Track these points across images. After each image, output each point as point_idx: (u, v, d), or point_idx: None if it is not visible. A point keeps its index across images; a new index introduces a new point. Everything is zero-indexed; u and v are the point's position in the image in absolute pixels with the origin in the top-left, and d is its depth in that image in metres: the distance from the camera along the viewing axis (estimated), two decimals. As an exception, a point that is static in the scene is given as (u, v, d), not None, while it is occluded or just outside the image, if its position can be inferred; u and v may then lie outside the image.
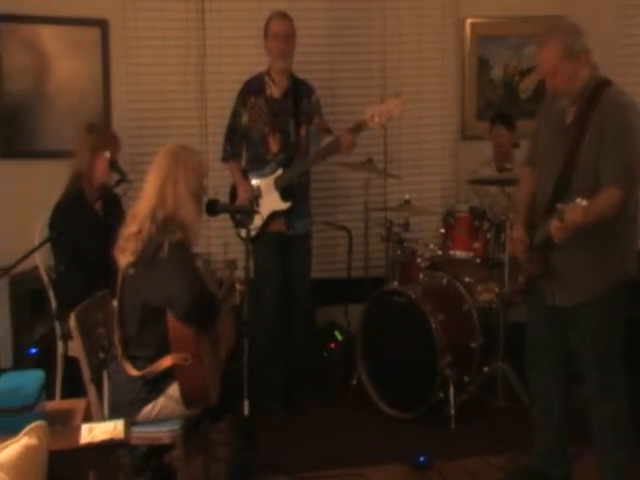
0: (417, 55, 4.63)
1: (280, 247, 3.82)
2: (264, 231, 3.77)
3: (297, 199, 3.81)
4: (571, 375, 2.94)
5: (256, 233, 3.70)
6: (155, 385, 2.56)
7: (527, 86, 4.74)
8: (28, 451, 1.62)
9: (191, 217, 2.61)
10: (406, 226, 4.11)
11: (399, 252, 4.06)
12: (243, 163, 3.93)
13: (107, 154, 3.48)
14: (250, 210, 3.53)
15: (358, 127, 3.64)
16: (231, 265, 2.92)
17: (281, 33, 3.72)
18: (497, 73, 4.76)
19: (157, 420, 2.58)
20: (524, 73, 4.74)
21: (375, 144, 4.45)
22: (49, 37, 4.22)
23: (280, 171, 3.77)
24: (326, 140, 3.81)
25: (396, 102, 3.60)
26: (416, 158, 4.69)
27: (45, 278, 3.47)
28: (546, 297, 2.82)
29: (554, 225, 2.49)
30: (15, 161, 4.21)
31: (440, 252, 4.01)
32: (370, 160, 4.06)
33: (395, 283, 3.90)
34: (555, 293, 2.79)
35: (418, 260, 4.04)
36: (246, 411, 2.60)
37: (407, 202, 4.10)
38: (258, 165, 3.83)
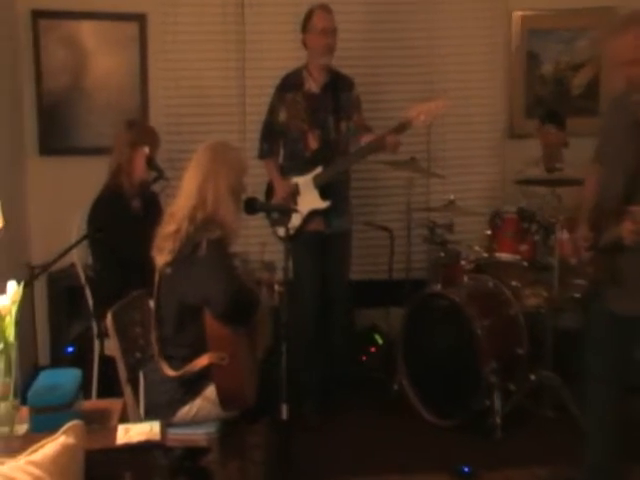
0: (464, 49, 4.60)
1: (318, 247, 3.83)
2: (302, 230, 3.78)
3: (336, 197, 3.81)
4: (628, 387, 2.87)
5: (294, 232, 3.72)
6: (192, 386, 2.59)
7: (580, 82, 4.68)
8: (66, 450, 1.66)
9: (231, 216, 2.64)
10: (450, 227, 4.08)
11: (442, 254, 4.03)
12: (280, 160, 3.95)
13: (146, 150, 3.52)
14: (290, 209, 3.54)
15: (403, 126, 3.62)
16: (269, 267, 2.95)
17: (327, 28, 3.72)
18: (547, 68, 4.70)
19: (193, 422, 2.61)
20: (577, 68, 4.68)
21: (418, 142, 4.43)
22: (87, 33, 4.31)
23: (319, 169, 3.78)
24: (366, 138, 3.79)
25: (442, 101, 3.58)
26: (461, 157, 4.66)
27: (82, 276, 3.53)
28: (609, 304, 2.75)
29: (626, 227, 2.43)
30: (53, 158, 4.30)
31: (485, 254, 3.99)
32: (413, 159, 4.03)
33: (438, 286, 3.87)
34: (620, 301, 2.71)
35: (462, 262, 4.01)
36: (284, 415, 2.62)
37: (451, 202, 4.07)
38: (296, 163, 3.85)
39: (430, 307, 3.80)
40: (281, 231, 3.76)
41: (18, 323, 2.04)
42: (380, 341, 4.29)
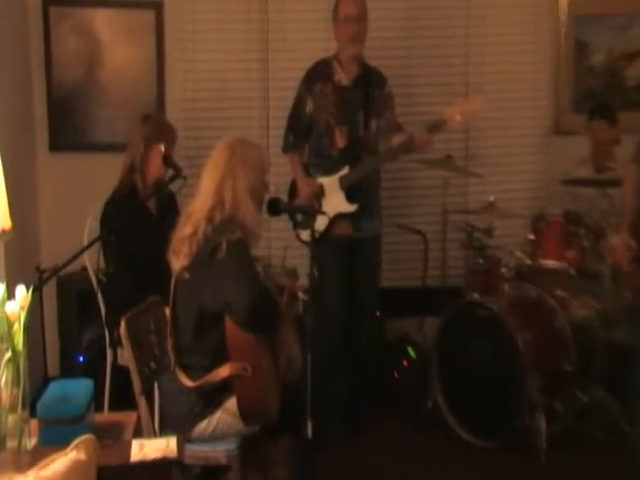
0: (505, 39, 4.58)
1: (346, 251, 3.84)
2: (328, 234, 3.79)
3: (365, 200, 3.82)
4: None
5: (319, 236, 3.72)
6: (211, 397, 2.61)
7: (634, 73, 4.62)
8: (77, 466, 1.67)
9: (251, 217, 2.66)
10: (489, 231, 4.06)
11: (481, 260, 4.02)
12: (305, 157, 3.96)
13: (161, 147, 3.56)
14: (316, 210, 3.55)
15: (437, 126, 3.63)
16: (292, 274, 2.96)
17: (352, 15, 3.73)
18: (598, 58, 4.66)
19: (213, 437, 2.62)
20: (631, 58, 4.62)
21: (455, 139, 4.43)
22: (101, 21, 4.37)
23: (346, 169, 3.79)
24: (397, 138, 3.78)
25: (480, 99, 3.59)
26: (502, 155, 4.64)
27: (94, 281, 3.58)
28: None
29: None
30: (64, 154, 4.36)
31: (528, 261, 3.96)
32: (449, 157, 4.03)
33: (476, 294, 3.86)
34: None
35: (502, 269, 3.98)
36: (309, 433, 2.62)
37: (491, 204, 4.05)
38: (322, 160, 3.86)
39: (467, 317, 3.78)
40: (305, 234, 3.80)
41: (27, 330, 2.06)
42: (413, 354, 4.27)
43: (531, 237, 4.00)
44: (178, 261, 2.66)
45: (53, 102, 4.36)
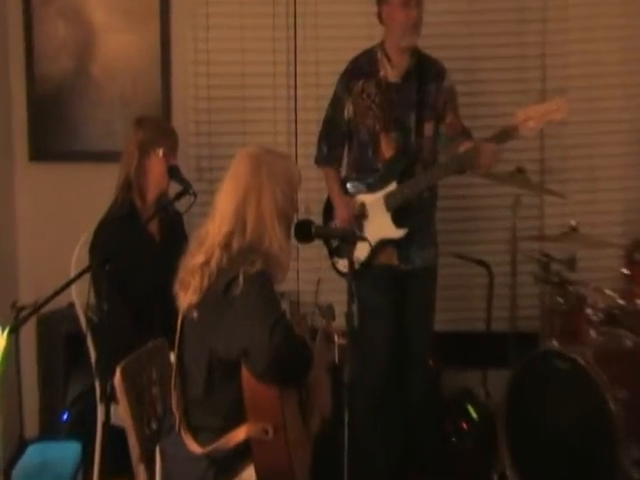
0: (590, 22, 4.55)
1: (392, 286, 3.83)
2: (370, 264, 3.79)
3: (417, 223, 3.81)
4: None
5: (359, 267, 3.73)
6: (224, 466, 2.60)
7: None
8: None
9: (278, 245, 2.67)
10: (571, 263, 4.03)
11: (560, 299, 3.98)
12: (343, 171, 3.98)
13: (160, 152, 3.60)
14: (355, 235, 3.51)
15: (505, 134, 3.59)
16: (327, 313, 2.96)
17: None
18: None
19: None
20: None
21: (528, 148, 4.41)
22: (94, 3, 4.43)
23: (393, 185, 3.79)
24: (462, 148, 3.75)
25: (563, 102, 3.55)
26: (587, 168, 4.62)
27: (83, 320, 3.58)
28: None
29: None
30: (47, 165, 4.41)
31: (621, 301, 3.91)
32: (521, 170, 4.01)
33: (555, 342, 3.83)
34: None
35: (588, 311, 3.95)
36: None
37: (573, 229, 4.03)
38: (364, 175, 3.87)
39: (543, 370, 3.75)
40: (343, 264, 3.80)
41: (0, 381, 2.07)
42: (474, 414, 4.24)
43: (625, 271, 3.96)
44: (186, 297, 2.67)
45: (35, 101, 4.42)
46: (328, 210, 3.96)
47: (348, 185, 3.92)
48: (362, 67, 3.87)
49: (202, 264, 2.63)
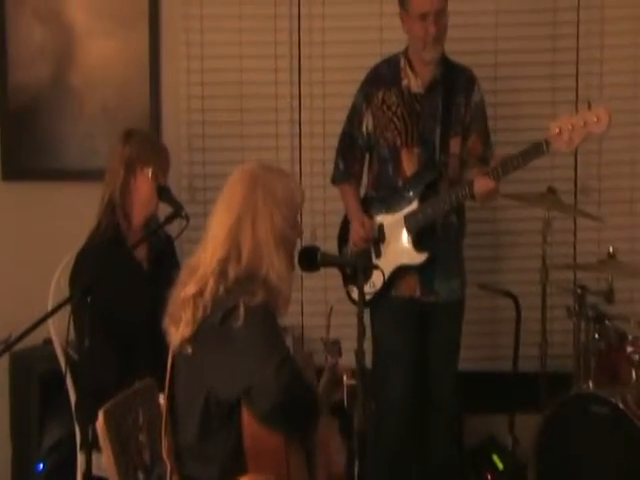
0: (635, 38, 4.58)
1: (413, 322, 3.86)
2: (386, 295, 3.82)
3: (442, 250, 3.83)
4: None
5: (372, 297, 3.75)
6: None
7: None
8: None
9: (277, 274, 2.68)
10: (609, 295, 4.04)
11: (597, 335, 3.99)
12: (363, 189, 4.01)
13: (149, 171, 3.63)
14: (367, 264, 3.48)
15: (536, 150, 3.59)
16: (333, 349, 2.96)
17: (431, 11, 3.70)
18: None
19: None
20: None
21: (560, 165, 4.44)
22: (75, 4, 4.48)
23: (415, 204, 3.82)
24: (472, 175, 3.78)
25: (599, 113, 3.52)
26: (625, 189, 4.64)
27: (61, 358, 3.60)
28: None
29: None
30: (23, 185, 4.45)
31: (665, 337, 3.94)
32: (552, 191, 4.04)
33: (590, 384, 3.85)
34: None
35: (629, 349, 3.95)
36: None
37: (610, 257, 4.03)
38: (383, 193, 3.90)
39: (579, 416, 3.76)
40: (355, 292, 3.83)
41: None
42: (500, 465, 4.25)
43: (669, 304, 3.98)
44: (177, 331, 2.67)
45: (8, 114, 4.46)
46: (343, 233, 3.98)
47: (367, 205, 3.93)
48: (383, 75, 3.90)
49: (194, 295, 2.63)
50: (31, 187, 4.45)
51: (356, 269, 3.51)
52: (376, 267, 3.62)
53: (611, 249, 4.02)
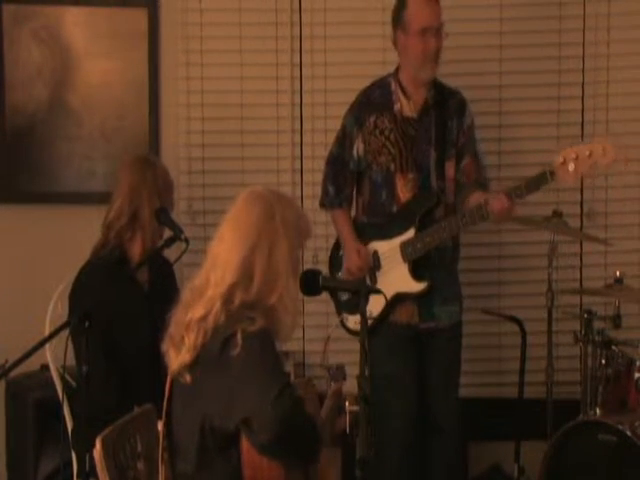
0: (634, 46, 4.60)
1: (411, 347, 3.86)
2: (385, 321, 3.81)
3: (438, 275, 3.83)
4: None
5: (373, 323, 3.73)
6: None
7: None
8: None
9: (291, 301, 2.68)
10: (616, 320, 4.04)
11: (604, 361, 3.99)
12: (353, 214, 4.01)
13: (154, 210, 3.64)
14: (369, 289, 3.47)
15: (540, 180, 3.60)
16: (337, 374, 2.95)
17: (432, 26, 3.73)
18: None
19: None
20: None
21: (566, 189, 4.42)
22: (73, 24, 4.48)
23: (411, 232, 3.81)
24: (473, 201, 3.78)
25: (603, 143, 3.53)
26: (632, 212, 4.65)
27: (58, 385, 3.59)
28: None
29: None
30: (20, 208, 4.43)
31: (675, 364, 3.93)
32: (558, 214, 4.04)
33: (598, 411, 3.84)
34: None
35: (636, 375, 3.95)
36: None
37: (617, 281, 4.04)
38: (378, 219, 3.90)
39: (586, 444, 3.75)
40: (353, 320, 3.81)
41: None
42: (505, 495, 4.25)
43: (678, 331, 3.97)
44: (177, 356, 2.66)
45: (5, 135, 4.45)
46: (335, 258, 3.99)
47: (360, 232, 3.92)
48: (375, 100, 3.90)
49: (200, 319, 2.61)
50: (27, 210, 4.44)
51: (354, 295, 3.55)
52: (379, 291, 3.57)
53: (618, 273, 4.02)
